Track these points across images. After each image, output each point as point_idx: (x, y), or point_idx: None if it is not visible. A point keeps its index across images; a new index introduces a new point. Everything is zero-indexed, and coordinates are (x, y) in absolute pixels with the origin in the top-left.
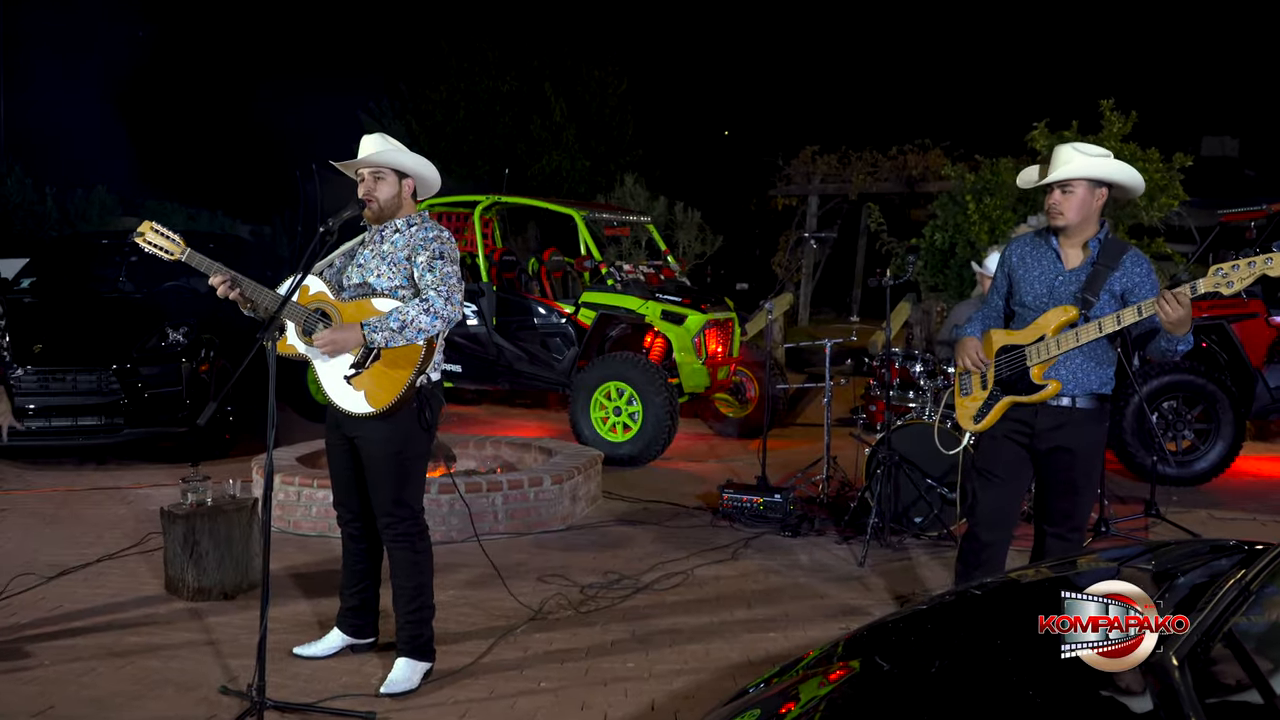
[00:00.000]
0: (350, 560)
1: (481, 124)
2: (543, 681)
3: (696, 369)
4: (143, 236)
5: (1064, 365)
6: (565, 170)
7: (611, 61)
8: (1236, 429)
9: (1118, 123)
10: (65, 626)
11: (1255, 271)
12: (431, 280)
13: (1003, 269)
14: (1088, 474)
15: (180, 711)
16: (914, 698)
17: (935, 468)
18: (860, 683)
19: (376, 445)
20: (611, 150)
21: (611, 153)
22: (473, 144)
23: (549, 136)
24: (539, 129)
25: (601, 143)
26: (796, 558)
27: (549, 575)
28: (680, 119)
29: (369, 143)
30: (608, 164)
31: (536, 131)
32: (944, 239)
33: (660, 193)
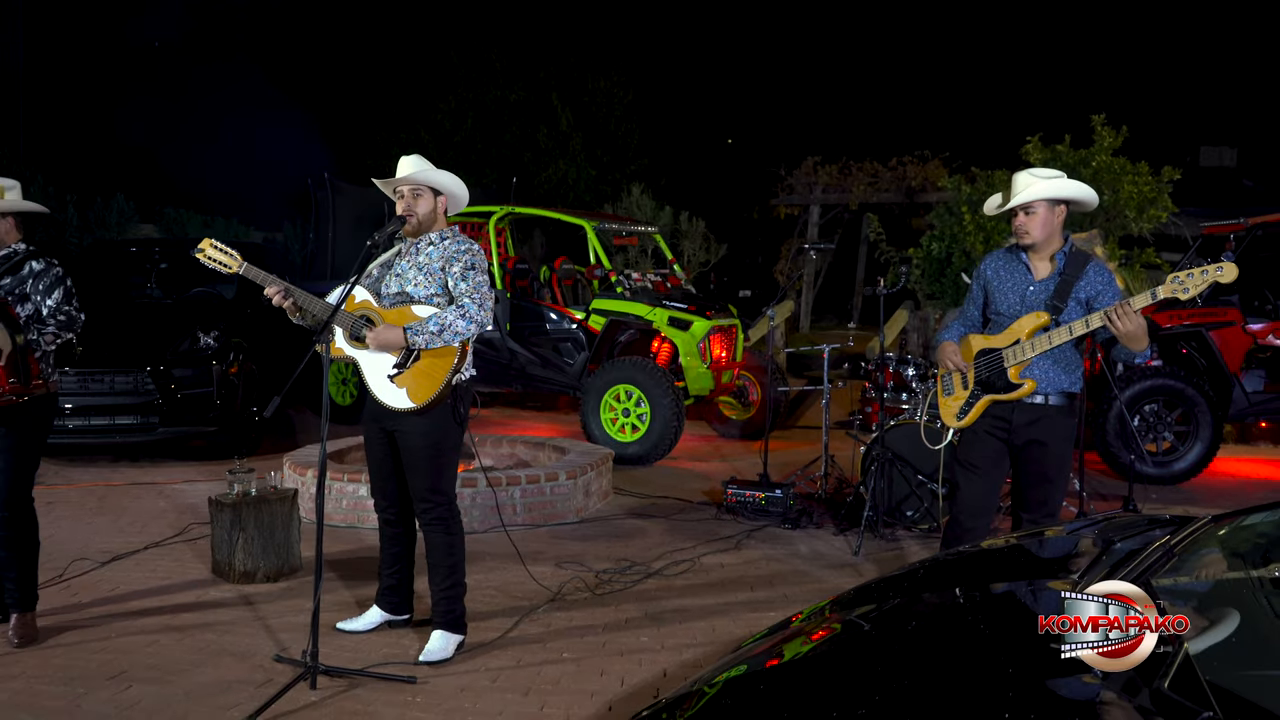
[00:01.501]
0: (387, 544)
1: (489, 133)
2: (564, 653)
3: (701, 373)
4: (203, 252)
5: (1037, 366)
6: (571, 179)
7: (617, 72)
8: (1214, 432)
9: (1109, 137)
10: (124, 606)
11: (1209, 279)
12: (465, 289)
13: (978, 281)
14: (1059, 465)
15: (240, 676)
16: (887, 652)
17: (926, 464)
18: (839, 640)
19: (415, 437)
20: (617, 159)
21: (617, 162)
22: (480, 152)
23: (555, 146)
24: (545, 138)
25: (607, 152)
26: (796, 548)
27: (565, 562)
28: (685, 129)
29: (408, 163)
30: (613, 173)
31: (543, 140)
32: (940, 249)
33: (666, 202)
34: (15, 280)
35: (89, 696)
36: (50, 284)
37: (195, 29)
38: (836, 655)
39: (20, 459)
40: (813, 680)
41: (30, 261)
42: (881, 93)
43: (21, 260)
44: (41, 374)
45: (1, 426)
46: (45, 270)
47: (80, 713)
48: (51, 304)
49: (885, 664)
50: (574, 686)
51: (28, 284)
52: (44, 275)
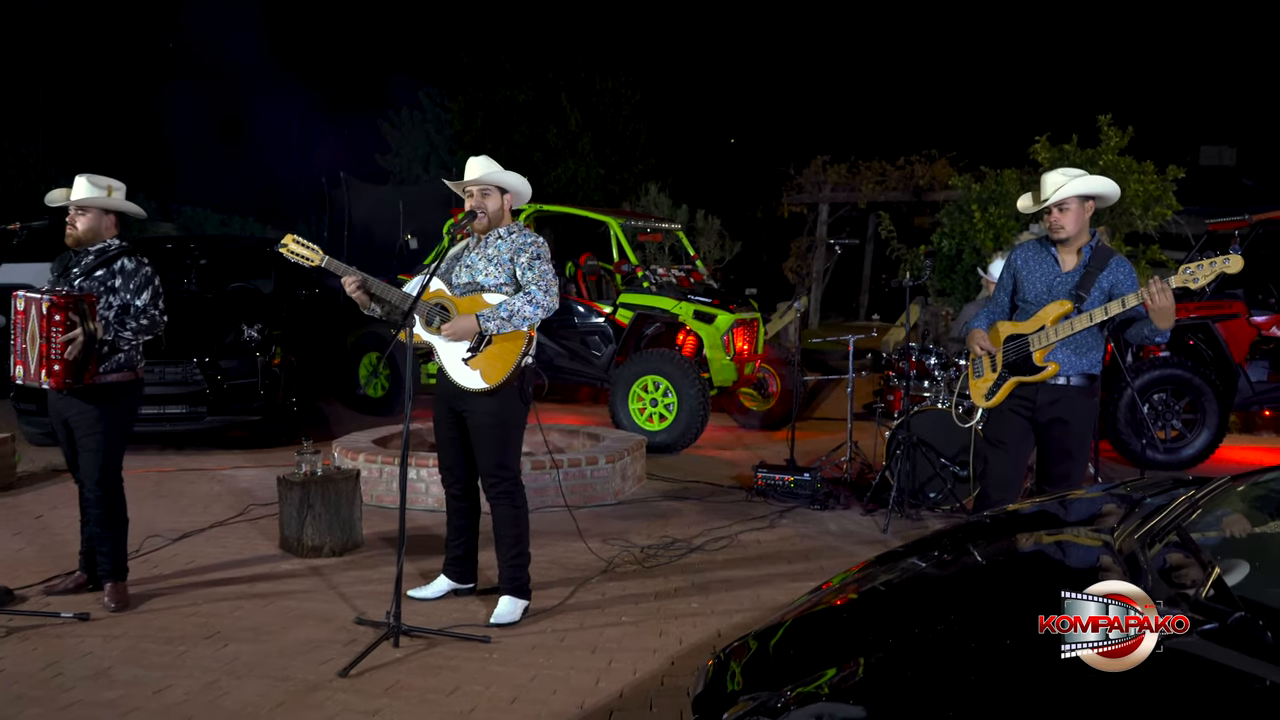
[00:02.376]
0: (453, 517)
1: (499, 133)
2: (623, 617)
3: (725, 364)
4: (286, 247)
5: (1061, 350)
6: (581, 178)
7: (625, 72)
8: (1220, 420)
9: (1115, 137)
10: (203, 576)
11: (1216, 269)
12: (532, 277)
13: (1008, 271)
14: (1080, 442)
15: (326, 636)
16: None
17: (948, 448)
18: (908, 578)
19: (484, 416)
20: (625, 159)
21: (625, 161)
22: (490, 152)
23: (564, 145)
24: (555, 138)
25: (615, 151)
26: (826, 526)
27: (611, 539)
28: (692, 129)
29: (478, 164)
30: (621, 172)
31: (553, 140)
32: (951, 246)
33: (682, 201)
34: (107, 273)
35: (191, 653)
36: (141, 284)
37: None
38: (907, 588)
39: (110, 441)
40: (887, 607)
41: (123, 258)
42: (889, 93)
43: (115, 255)
44: (128, 364)
45: (95, 409)
46: (136, 270)
47: (187, 666)
48: (140, 304)
49: (950, 592)
50: (636, 645)
51: (117, 279)
52: (135, 274)
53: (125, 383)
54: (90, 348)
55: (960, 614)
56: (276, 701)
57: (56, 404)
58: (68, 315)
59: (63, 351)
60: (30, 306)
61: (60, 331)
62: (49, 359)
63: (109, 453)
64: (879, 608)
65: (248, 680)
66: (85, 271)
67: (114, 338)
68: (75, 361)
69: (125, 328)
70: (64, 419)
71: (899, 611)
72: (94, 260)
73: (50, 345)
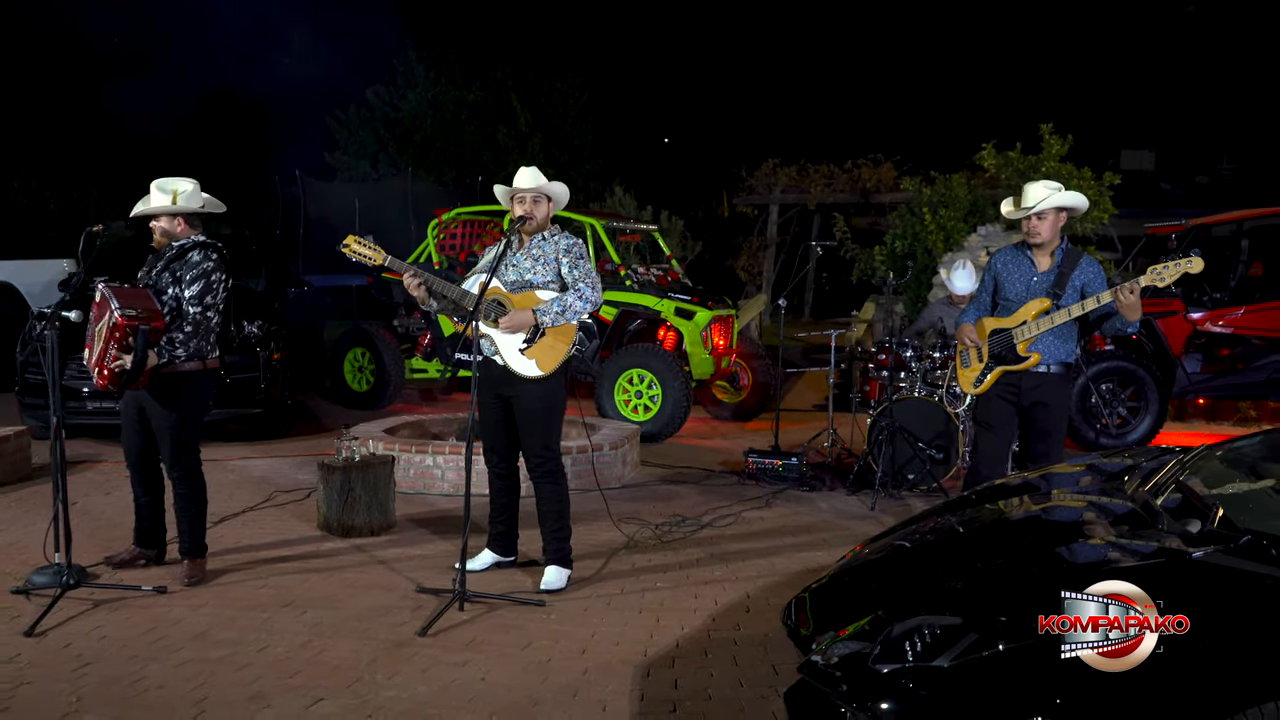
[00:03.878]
0: (497, 495)
1: (448, 132)
2: (656, 583)
3: (704, 359)
4: (348, 247)
5: (1041, 341)
6: None
7: (573, 73)
8: (1161, 407)
9: (1056, 144)
10: (256, 554)
11: (1180, 269)
12: (579, 275)
13: (989, 273)
14: (1059, 423)
15: (393, 603)
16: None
17: (925, 433)
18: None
19: (533, 401)
20: (574, 159)
21: (574, 161)
22: (439, 151)
23: (515, 145)
24: (505, 137)
25: (564, 152)
26: (818, 505)
27: (625, 519)
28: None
29: (528, 174)
30: (569, 172)
31: (503, 140)
32: (904, 246)
33: (646, 202)
34: (178, 265)
35: (275, 619)
36: (195, 276)
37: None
38: (938, 542)
39: (181, 427)
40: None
41: (193, 252)
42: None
43: (188, 250)
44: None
45: (166, 398)
46: (199, 263)
47: (277, 630)
48: (188, 294)
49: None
50: (676, 606)
51: (181, 270)
52: (195, 267)
53: (195, 373)
54: (139, 369)
55: (1008, 554)
56: (371, 656)
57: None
58: (125, 338)
59: (114, 362)
60: (105, 305)
61: (117, 346)
62: (103, 363)
63: (181, 438)
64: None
65: (338, 640)
66: (165, 265)
67: (168, 358)
68: (122, 375)
69: (175, 345)
70: (139, 405)
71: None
72: (172, 254)
73: (108, 352)
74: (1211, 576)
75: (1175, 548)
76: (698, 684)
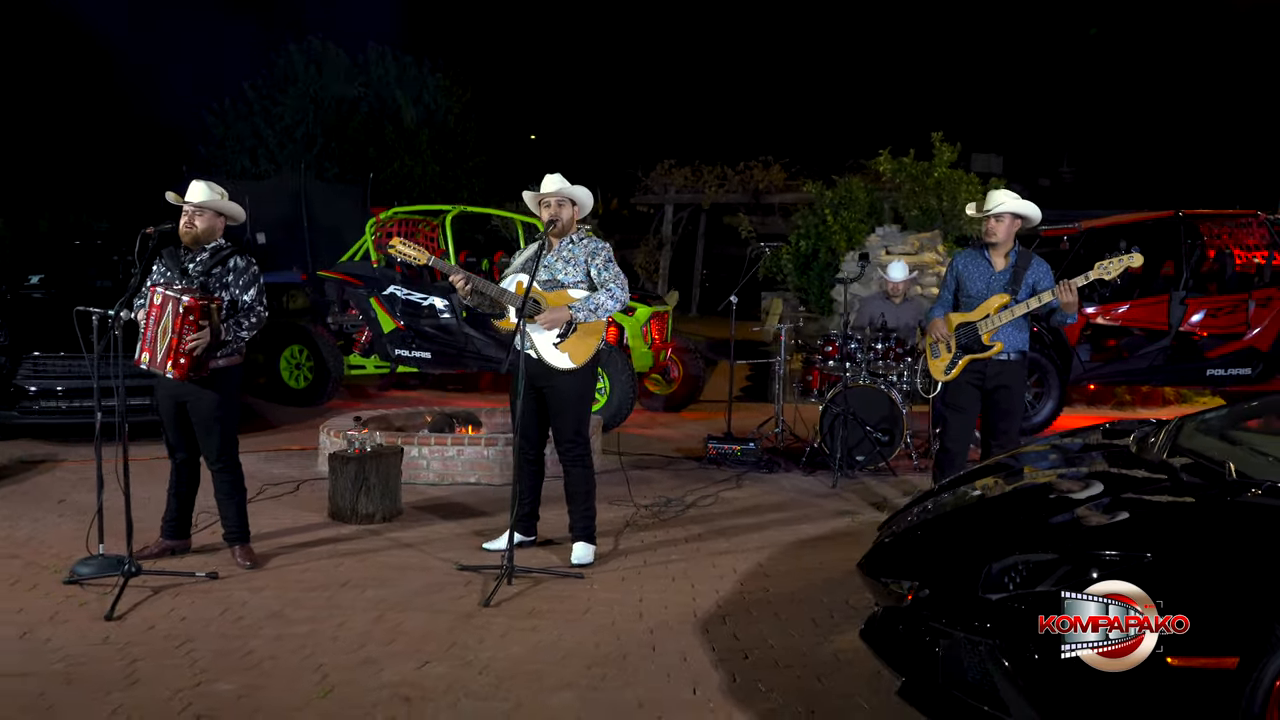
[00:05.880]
0: (525, 479)
1: (330, 128)
2: (673, 555)
3: (644, 352)
4: (394, 248)
5: (1002, 332)
6: (417, 175)
7: (456, 70)
8: (1061, 392)
9: (947, 151)
10: (281, 542)
11: (1123, 264)
12: (609, 276)
13: (951, 273)
14: (1018, 403)
15: (440, 580)
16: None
17: (872, 418)
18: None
19: (566, 391)
20: (458, 156)
21: (458, 158)
22: (323, 147)
23: (401, 142)
24: (391, 134)
25: (449, 149)
26: (782, 485)
27: (614, 501)
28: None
29: (553, 180)
30: (454, 169)
31: (390, 137)
32: (808, 245)
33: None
34: (222, 271)
35: (338, 597)
36: (249, 281)
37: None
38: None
39: (226, 420)
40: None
41: (235, 257)
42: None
43: (228, 255)
44: (235, 350)
45: (210, 394)
46: (246, 268)
47: (344, 607)
48: (248, 299)
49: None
50: (702, 574)
51: (229, 276)
52: (245, 272)
53: (233, 367)
54: (214, 349)
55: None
56: (447, 626)
57: (171, 387)
58: (199, 319)
59: (189, 348)
60: (167, 303)
61: (191, 330)
62: (177, 352)
63: (225, 431)
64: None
65: (408, 614)
66: (204, 270)
67: (233, 338)
68: (198, 359)
69: (241, 328)
70: (178, 401)
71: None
72: (210, 259)
73: (180, 340)
74: (1248, 513)
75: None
76: (755, 635)
